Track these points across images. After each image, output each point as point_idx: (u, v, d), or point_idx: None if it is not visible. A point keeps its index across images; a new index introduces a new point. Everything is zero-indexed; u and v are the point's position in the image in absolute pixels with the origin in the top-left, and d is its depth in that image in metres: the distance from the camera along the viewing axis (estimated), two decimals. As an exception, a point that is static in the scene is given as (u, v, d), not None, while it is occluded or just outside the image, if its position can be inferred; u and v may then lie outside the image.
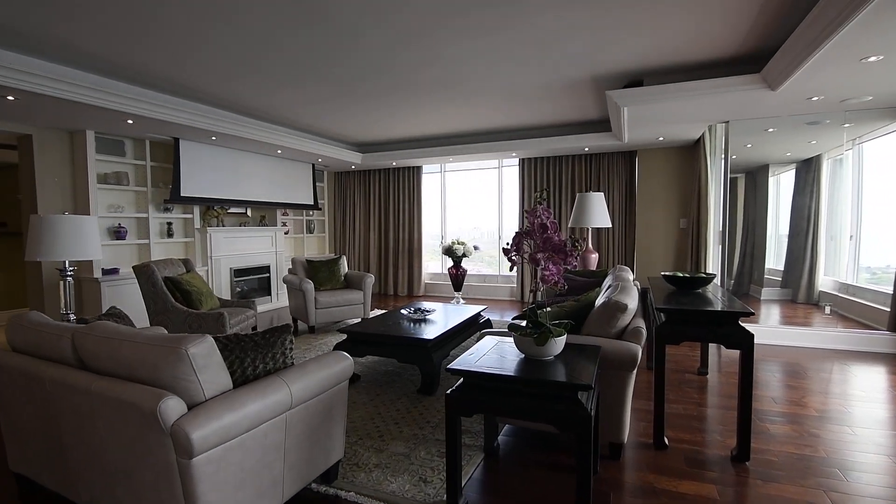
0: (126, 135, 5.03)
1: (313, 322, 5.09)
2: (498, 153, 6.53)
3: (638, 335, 2.29)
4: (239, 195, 6.14)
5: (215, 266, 5.91)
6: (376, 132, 6.33)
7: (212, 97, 4.54)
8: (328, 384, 1.99)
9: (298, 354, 4.30)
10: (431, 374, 3.21)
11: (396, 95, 4.55)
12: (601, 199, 4.50)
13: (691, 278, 2.91)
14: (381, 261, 8.15)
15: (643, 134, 5.24)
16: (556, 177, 6.91)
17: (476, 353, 2.09)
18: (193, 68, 3.74)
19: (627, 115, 4.27)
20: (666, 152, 6.14)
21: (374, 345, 3.44)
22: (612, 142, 5.71)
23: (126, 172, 5.11)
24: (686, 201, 6.08)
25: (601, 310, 2.38)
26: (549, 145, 6.03)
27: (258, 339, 1.84)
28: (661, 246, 6.21)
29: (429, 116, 5.44)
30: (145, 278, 3.86)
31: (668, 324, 2.44)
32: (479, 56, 3.52)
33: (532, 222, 2.01)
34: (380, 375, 3.68)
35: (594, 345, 2.22)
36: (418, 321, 3.81)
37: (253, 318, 4.36)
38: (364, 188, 8.25)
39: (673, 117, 4.47)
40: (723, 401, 3.17)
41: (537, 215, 2.01)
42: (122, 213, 5.09)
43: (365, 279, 5.47)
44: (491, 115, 5.44)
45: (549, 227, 1.97)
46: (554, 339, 1.94)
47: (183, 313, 3.86)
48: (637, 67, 3.81)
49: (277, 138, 5.72)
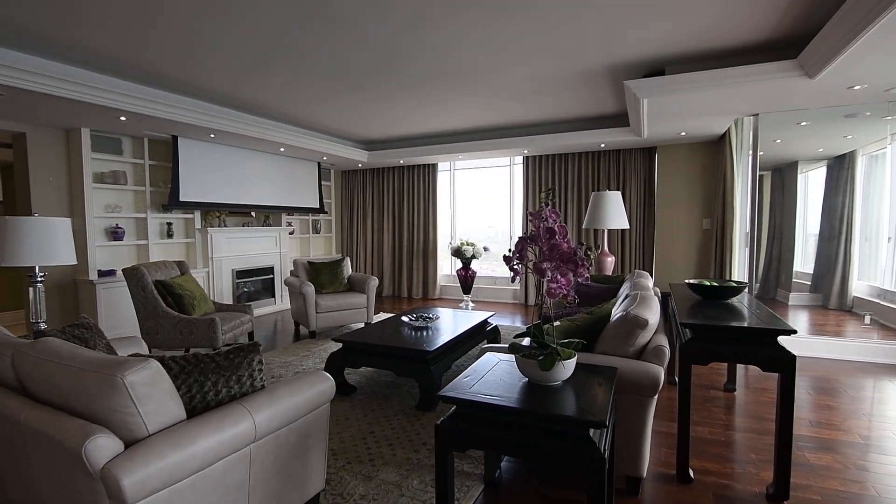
0: (123, 133, 4.88)
1: (314, 327, 4.89)
2: (509, 150, 6.24)
3: (660, 355, 2.01)
4: (241, 198, 5.97)
5: (216, 267, 5.75)
6: (382, 129, 6.11)
7: (210, 93, 4.36)
8: (303, 410, 1.75)
9: (297, 360, 4.10)
10: (430, 389, 2.96)
11: (403, 90, 4.31)
12: (618, 199, 4.19)
13: (720, 288, 2.61)
14: (395, 262, 7.87)
15: (664, 129, 4.91)
16: (564, 175, 6.60)
17: (473, 375, 1.84)
18: (190, 63, 3.55)
19: (647, 107, 3.96)
20: (688, 148, 5.78)
21: (371, 355, 3.20)
22: (631, 137, 5.38)
23: (123, 171, 4.97)
24: (710, 201, 5.71)
25: (618, 325, 2.09)
26: (563, 141, 5.73)
27: (220, 360, 1.61)
28: (683, 248, 5.86)
29: (437, 112, 5.19)
30: (135, 282, 3.69)
31: (694, 341, 2.15)
32: (488, 46, 3.25)
33: (537, 226, 1.74)
34: (378, 387, 3.44)
35: (609, 366, 1.95)
36: (419, 329, 3.56)
37: (249, 324, 4.17)
38: (376, 186, 7.97)
39: (697, 110, 4.14)
40: (754, 423, 2.85)
41: (543, 218, 1.74)
42: (120, 214, 4.95)
43: (368, 282, 5.24)
44: (501, 111, 5.16)
45: (556, 231, 1.70)
46: (562, 363, 1.67)
47: (173, 319, 3.68)
48: (657, 55, 3.50)
49: (280, 136, 5.53)
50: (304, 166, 7.05)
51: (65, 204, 4.63)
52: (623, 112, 5.25)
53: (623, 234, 6.26)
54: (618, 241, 6.28)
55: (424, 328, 3.59)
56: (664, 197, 5.95)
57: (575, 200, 6.55)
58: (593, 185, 6.41)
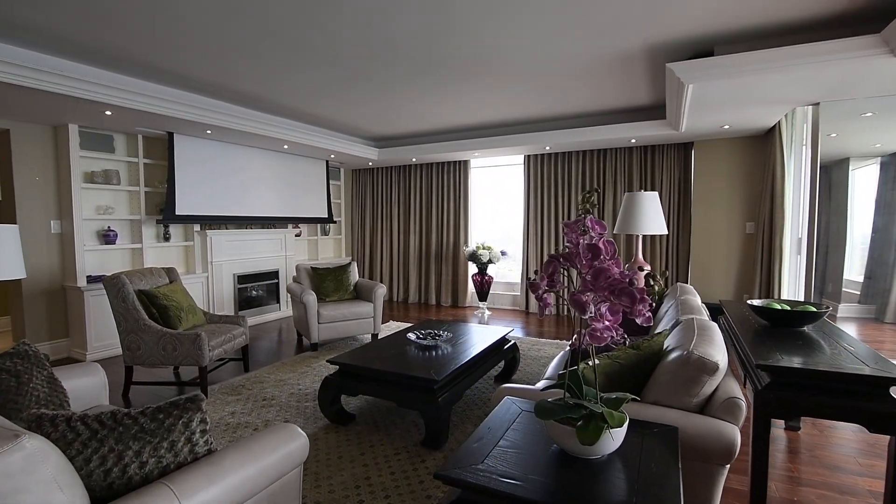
0: (115, 129, 4.57)
1: (316, 338, 4.50)
2: (529, 146, 5.76)
3: (734, 411, 1.52)
4: (243, 208, 5.62)
5: (216, 272, 5.42)
6: (393, 124, 5.69)
7: (204, 85, 4.00)
8: (261, 483, 1.33)
9: (294, 378, 3.71)
10: (438, 425, 2.52)
11: (417, 79, 3.87)
12: (654, 201, 3.68)
13: (797, 313, 2.10)
14: (421, 267, 7.32)
15: (705, 121, 4.36)
16: (575, 175, 6.07)
17: (487, 439, 1.39)
18: (180, 52, 3.19)
19: (691, 95, 3.44)
20: (730, 143, 5.21)
21: (370, 381, 2.78)
22: (665, 131, 4.84)
23: (116, 170, 4.66)
24: (754, 202, 5.13)
25: (676, 368, 1.62)
26: (589, 136, 5.22)
27: (146, 423, 1.20)
28: (722, 255, 5.29)
29: (451, 105, 4.74)
30: (114, 292, 3.34)
31: (774, 389, 1.66)
32: (513, 24, 2.79)
33: (575, 242, 1.29)
34: (380, 415, 3.02)
35: (666, 424, 1.48)
36: (427, 350, 3.12)
37: (242, 338, 3.80)
38: (398, 186, 7.44)
39: (749, 98, 3.60)
40: (831, 475, 2.33)
41: (583, 231, 1.29)
42: (112, 216, 4.64)
43: (375, 290, 4.83)
44: (522, 103, 4.68)
45: (601, 249, 1.24)
46: (610, 432, 1.21)
47: (156, 333, 3.32)
48: (705, 33, 2.99)
49: (283, 132, 5.16)
50: (310, 165, 6.68)
51: (52, 205, 4.33)
52: (658, 103, 4.72)
53: (652, 240, 5.72)
54: (647, 248, 5.74)
55: (433, 348, 3.15)
56: (701, 198, 5.39)
57: (611, 200, 6.02)
58: (620, 185, 5.88)
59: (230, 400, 3.30)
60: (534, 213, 6.50)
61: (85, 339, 4.27)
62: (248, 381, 3.69)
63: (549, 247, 6.40)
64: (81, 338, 4.29)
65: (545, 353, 4.44)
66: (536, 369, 3.94)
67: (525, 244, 6.58)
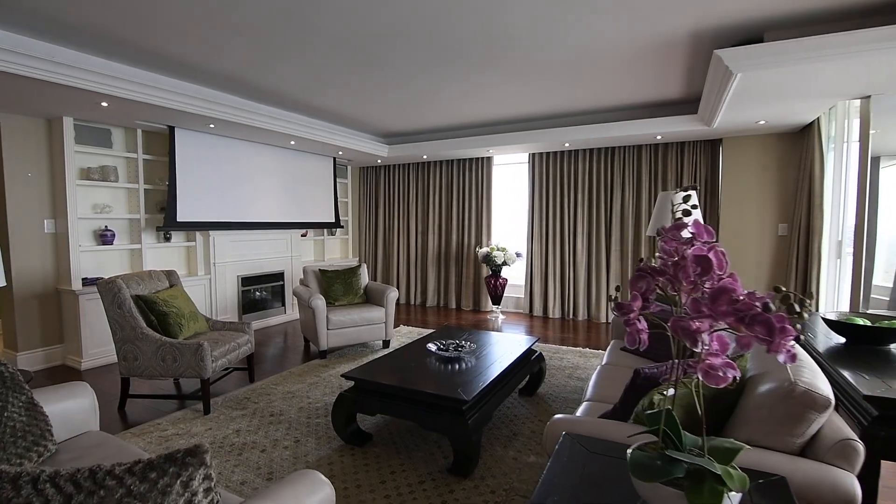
0: (112, 123, 4.31)
1: (324, 345, 4.24)
2: (546, 143, 5.49)
3: (849, 455, 1.26)
4: (247, 209, 5.37)
5: (219, 274, 5.16)
6: (405, 118, 5.42)
7: (206, 75, 3.74)
8: (279, 553, 1.06)
9: (303, 390, 3.45)
10: (468, 450, 2.26)
11: (434, 70, 3.61)
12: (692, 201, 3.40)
13: (884, 330, 1.83)
14: (441, 269, 6.97)
15: (742, 116, 4.09)
16: (583, 174, 5.81)
17: (548, 486, 1.12)
18: (179, 37, 2.92)
19: (736, 86, 3.16)
20: (761, 140, 4.93)
21: (389, 399, 2.51)
22: (695, 127, 4.57)
23: (114, 167, 4.40)
24: (786, 202, 4.86)
25: (775, 402, 1.35)
26: (615, 132, 4.94)
27: (133, 484, 0.94)
28: (752, 258, 5.02)
29: (470, 98, 4.47)
30: (110, 298, 3.09)
31: (886, 425, 1.39)
32: (544, 4, 2.52)
33: (676, 253, 1.02)
34: (400, 435, 2.75)
35: (772, 473, 1.21)
36: (451, 362, 2.86)
37: (247, 346, 3.54)
38: (415, 183, 7.09)
39: (796, 90, 3.32)
40: (916, 513, 2.05)
41: (687, 241, 1.02)
42: (110, 215, 4.38)
43: (387, 293, 4.57)
44: (543, 97, 4.41)
45: (714, 262, 0.97)
46: (729, 496, 0.94)
47: (155, 343, 3.06)
48: (755, 17, 2.73)
49: (290, 127, 4.90)
50: (317, 163, 6.42)
51: (46, 203, 4.08)
52: (689, 97, 4.45)
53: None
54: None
55: (457, 361, 2.88)
56: (730, 198, 5.11)
57: (619, 200, 5.76)
58: (629, 184, 5.61)
59: (235, 415, 3.04)
60: (539, 214, 6.26)
61: (80, 345, 4.02)
62: (253, 392, 3.43)
63: (556, 249, 6.15)
64: (76, 344, 4.04)
65: (569, 361, 4.17)
66: (562, 381, 3.68)
67: (529, 245, 6.34)
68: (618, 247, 5.81)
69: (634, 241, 5.73)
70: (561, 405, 3.19)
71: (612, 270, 5.83)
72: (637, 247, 5.71)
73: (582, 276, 6.00)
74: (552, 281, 6.19)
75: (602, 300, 5.87)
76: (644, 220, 5.62)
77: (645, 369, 1.62)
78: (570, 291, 6.11)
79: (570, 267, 6.09)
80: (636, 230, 5.72)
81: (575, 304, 6.10)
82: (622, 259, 5.81)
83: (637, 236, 5.71)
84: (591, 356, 4.34)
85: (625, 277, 5.77)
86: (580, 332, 5.34)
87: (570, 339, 5.02)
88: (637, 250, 5.71)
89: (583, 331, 5.42)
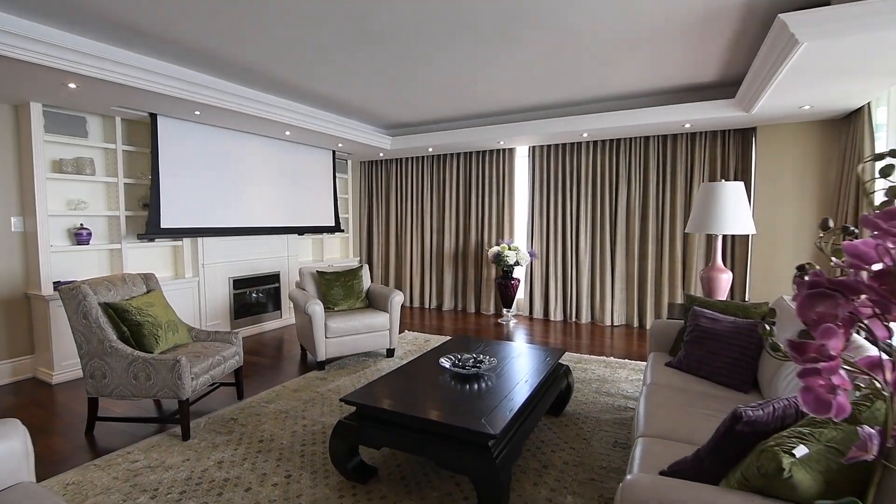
0: (87, 109, 3.90)
1: (323, 355, 3.83)
2: (564, 131, 5.06)
3: None
4: (238, 211, 4.95)
5: (209, 276, 4.75)
6: (411, 105, 5.00)
7: (189, 53, 3.32)
8: None
9: (297, 409, 3.04)
10: (495, 494, 1.85)
11: (441, 43, 3.19)
12: (739, 192, 3.00)
13: None
14: (457, 271, 6.50)
15: (787, 99, 3.66)
16: (586, 166, 5.41)
17: None
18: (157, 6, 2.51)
19: (797, 59, 2.74)
20: (801, 129, 4.51)
21: (397, 428, 2.10)
22: (731, 113, 4.14)
23: (90, 159, 3.99)
24: (828, 197, 4.44)
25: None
26: (640, 119, 4.52)
27: None
28: (789, 257, 4.60)
29: (483, 80, 4.05)
30: (73, 306, 2.68)
31: None
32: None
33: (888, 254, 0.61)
34: (410, 468, 2.34)
35: None
36: (468, 381, 2.44)
37: (235, 358, 3.13)
38: (430, 177, 6.61)
39: (863, 63, 2.90)
40: None
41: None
42: (86, 211, 3.97)
43: (392, 297, 4.16)
44: (565, 77, 3.99)
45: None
46: None
47: (125, 358, 2.65)
48: (836, -28, 2.30)
49: (284, 115, 4.48)
50: (315, 157, 6.00)
51: (13, 199, 3.67)
52: (724, 80, 4.03)
53: (694, 239, 5.04)
54: (693, 248, 5.06)
55: (476, 379, 2.47)
56: (764, 192, 4.69)
57: (624, 195, 5.36)
58: (636, 179, 5.19)
59: (218, 442, 2.63)
60: (539, 210, 5.89)
61: (51, 356, 3.62)
62: (241, 412, 3.02)
63: (557, 247, 5.77)
64: (48, 355, 3.63)
65: (593, 373, 3.76)
66: (590, 396, 3.26)
67: (529, 242, 5.97)
68: (623, 245, 5.42)
69: (641, 238, 5.37)
70: (594, 428, 2.78)
71: (617, 270, 5.44)
72: (644, 245, 5.34)
73: (585, 275, 5.60)
74: (553, 281, 5.79)
75: (606, 301, 5.48)
76: (652, 216, 5.23)
77: (747, 411, 1.21)
78: (572, 292, 5.71)
79: (573, 266, 5.69)
80: (643, 227, 5.35)
81: (578, 306, 5.70)
82: (627, 258, 5.43)
83: (644, 234, 5.33)
84: (616, 366, 3.93)
85: (630, 277, 5.39)
86: (595, 338, 4.93)
87: (585, 346, 4.61)
88: (644, 248, 5.33)
89: (587, 335, 5.01)
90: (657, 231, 5.29)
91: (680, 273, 5.13)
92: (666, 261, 5.21)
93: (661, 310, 5.24)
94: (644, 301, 5.36)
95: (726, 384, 2.33)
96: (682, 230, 5.11)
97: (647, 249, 5.30)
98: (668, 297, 5.21)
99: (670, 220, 5.18)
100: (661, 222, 5.26)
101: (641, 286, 5.40)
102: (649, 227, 5.27)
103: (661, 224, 5.26)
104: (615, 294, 5.48)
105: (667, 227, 5.19)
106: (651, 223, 5.26)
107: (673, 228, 5.16)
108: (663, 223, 5.24)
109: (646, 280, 5.33)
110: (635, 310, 5.41)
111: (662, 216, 5.24)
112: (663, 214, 5.24)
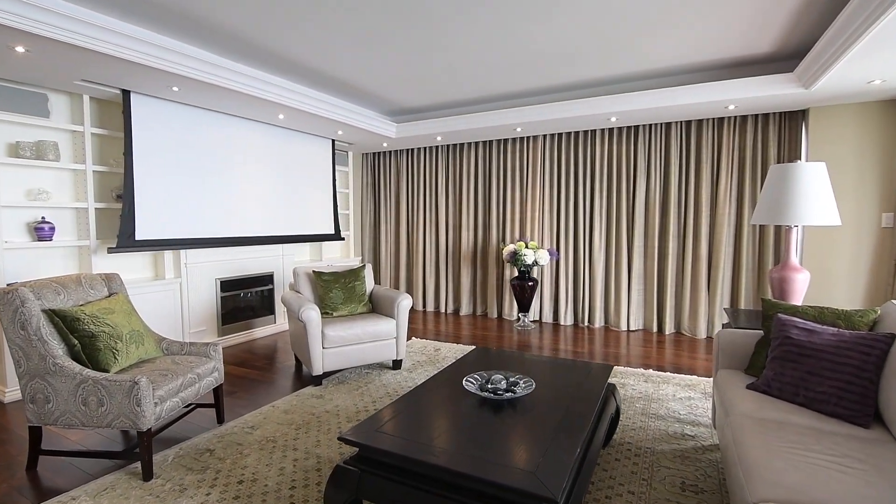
0: (47, 84, 3.38)
1: (319, 369, 3.31)
2: (590, 114, 4.55)
3: None
4: (227, 224, 4.42)
5: (192, 277, 4.23)
6: (420, 86, 4.49)
7: (165, 14, 2.81)
8: None
9: (289, 438, 2.52)
10: (555, 580, 1.32)
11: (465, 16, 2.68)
12: (821, 175, 2.48)
13: None
14: (477, 270, 5.93)
15: (859, 70, 3.15)
16: (600, 155, 4.89)
17: None
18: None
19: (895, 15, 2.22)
20: (861, 110, 3.99)
21: (413, 479, 1.58)
22: (786, 90, 3.63)
23: (54, 142, 3.48)
24: (892, 187, 3.92)
25: None
26: (679, 99, 4.00)
27: None
28: (847, 255, 4.08)
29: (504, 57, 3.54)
30: (10, 314, 2.16)
31: None
32: None
33: None
34: (426, 523, 1.82)
35: None
36: (503, 410, 1.92)
37: (213, 376, 2.60)
38: (445, 170, 6.04)
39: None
40: None
41: None
42: (48, 203, 3.46)
43: (399, 301, 3.65)
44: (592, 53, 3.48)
45: None
46: None
47: (73, 378, 2.13)
48: None
49: (277, 94, 3.97)
50: (313, 146, 5.49)
51: (-42, 187, 3.16)
52: (781, 53, 3.52)
53: (722, 236, 4.53)
54: (721, 246, 4.54)
55: (512, 406, 1.95)
56: (816, 182, 4.16)
57: (643, 188, 4.86)
58: (670, 169, 4.68)
59: (188, 482, 2.11)
60: (549, 204, 5.42)
61: (4, 371, 3.10)
62: (220, 441, 2.50)
63: (569, 245, 5.30)
64: (0, 370, 3.12)
65: (634, 389, 3.23)
66: (637, 420, 2.74)
67: (539, 240, 5.48)
68: (641, 242, 4.93)
69: (661, 235, 4.90)
70: (651, 464, 2.26)
71: (634, 269, 4.94)
72: (664, 242, 4.85)
73: (599, 276, 5.09)
74: (563, 282, 5.28)
75: (622, 304, 4.98)
76: (673, 210, 4.74)
77: None
78: (584, 295, 5.20)
79: (586, 265, 5.19)
80: (663, 222, 4.87)
81: (591, 309, 5.19)
82: (646, 256, 4.95)
83: (664, 230, 4.86)
84: (658, 381, 3.41)
85: (649, 278, 4.89)
86: (620, 345, 4.40)
87: (612, 355, 4.08)
88: (664, 246, 4.84)
89: (602, 341, 4.48)
90: (679, 227, 4.80)
91: (705, 274, 4.65)
92: (689, 260, 4.72)
93: (683, 313, 4.76)
94: (664, 303, 4.86)
95: (837, 415, 1.81)
96: (708, 226, 4.62)
97: (667, 247, 4.80)
98: (690, 300, 4.72)
99: (694, 215, 4.70)
100: (685, 217, 4.76)
101: (661, 287, 4.90)
102: (670, 223, 4.77)
103: (685, 219, 4.76)
104: (632, 296, 4.98)
105: (690, 222, 4.70)
106: (672, 218, 4.76)
107: (697, 224, 4.68)
108: (686, 218, 4.75)
109: (665, 280, 4.83)
110: (654, 313, 4.91)
111: (686, 210, 4.75)
112: (686, 209, 4.75)
